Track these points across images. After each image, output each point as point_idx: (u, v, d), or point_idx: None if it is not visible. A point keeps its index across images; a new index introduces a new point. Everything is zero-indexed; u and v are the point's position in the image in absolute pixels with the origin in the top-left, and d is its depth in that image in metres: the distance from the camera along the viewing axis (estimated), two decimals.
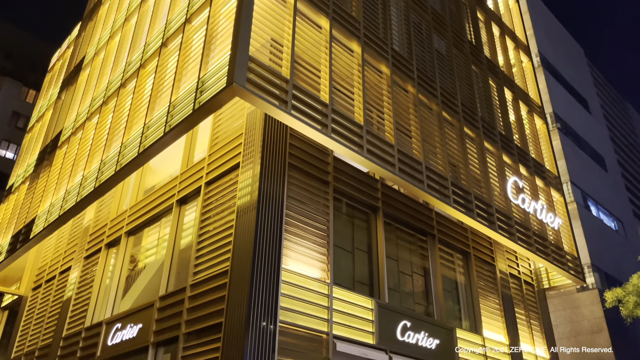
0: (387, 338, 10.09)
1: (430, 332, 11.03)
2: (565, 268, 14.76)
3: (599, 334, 15.96)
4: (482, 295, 13.33)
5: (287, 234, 9.24)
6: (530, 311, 14.96)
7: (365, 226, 11.53)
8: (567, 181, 18.63)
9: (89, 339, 11.69)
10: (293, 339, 8.48)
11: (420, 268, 12.42)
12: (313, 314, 8.97)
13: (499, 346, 12.87)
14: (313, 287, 9.22)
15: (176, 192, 11.27)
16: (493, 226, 12.45)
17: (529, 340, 14.26)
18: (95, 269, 12.93)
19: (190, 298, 9.25)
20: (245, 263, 8.42)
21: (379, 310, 10.18)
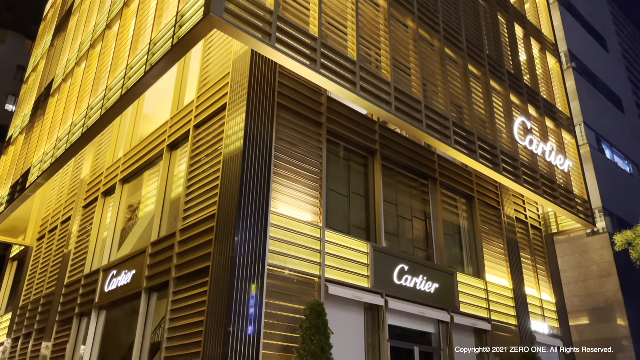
0: (383, 282, 9.87)
1: (430, 276, 10.79)
2: (574, 212, 14.28)
3: (608, 278, 15.64)
4: (486, 240, 13.00)
5: (276, 176, 8.90)
6: (537, 256, 14.64)
7: (362, 170, 11.13)
8: (581, 123, 17.85)
9: (88, 286, 11.73)
10: (283, 282, 8.29)
11: (421, 213, 12.08)
12: (304, 258, 8.74)
13: (502, 290, 12.64)
14: (305, 231, 8.95)
15: (166, 137, 10.94)
16: (497, 168, 11.95)
17: (534, 285, 14.01)
18: (93, 218, 12.84)
19: (180, 243, 9.07)
20: (231, 206, 8.14)
21: (375, 254, 9.92)
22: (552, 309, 14.19)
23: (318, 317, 7.56)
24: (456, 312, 11.10)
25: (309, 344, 7.33)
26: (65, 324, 12.11)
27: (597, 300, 15.68)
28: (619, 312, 15.19)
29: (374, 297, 9.55)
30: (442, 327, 10.87)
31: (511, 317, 12.59)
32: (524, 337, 12.54)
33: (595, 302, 15.70)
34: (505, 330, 12.25)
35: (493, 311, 12.13)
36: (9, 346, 15.02)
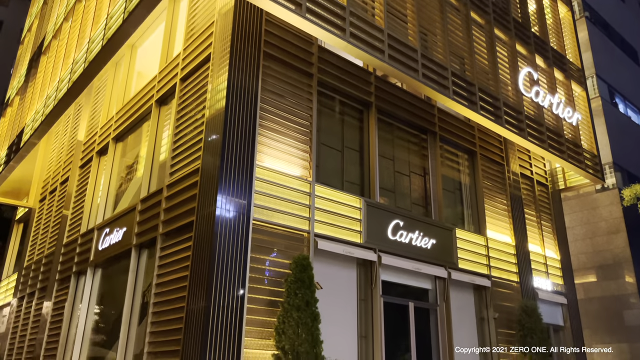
0: (377, 237, 9.64)
1: (426, 232, 10.52)
2: (582, 166, 13.79)
3: (616, 234, 15.25)
4: (488, 196, 12.63)
5: (262, 129, 8.58)
6: (542, 212, 14.26)
7: (357, 124, 10.76)
8: (593, 75, 17.10)
9: (84, 245, 11.71)
10: (269, 237, 8.09)
11: (419, 168, 11.72)
12: (293, 212, 8.51)
13: (503, 247, 12.36)
14: (293, 185, 8.68)
15: (155, 92, 10.63)
16: (499, 121, 11.47)
17: (538, 242, 13.68)
18: (89, 177, 12.73)
19: (167, 199, 8.89)
20: (214, 160, 7.89)
21: (368, 210, 9.65)
22: (556, 265, 13.90)
23: (303, 270, 7.38)
24: (454, 268, 10.87)
25: (293, 298, 7.17)
26: (63, 282, 12.18)
27: (605, 257, 15.35)
28: (626, 269, 14.87)
29: (366, 253, 9.33)
30: (439, 283, 10.67)
31: (512, 273, 12.34)
32: (526, 294, 12.31)
33: (603, 259, 15.37)
34: (505, 287, 12.03)
35: (493, 267, 11.88)
36: (15, 306, 15.28)
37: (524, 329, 11.01)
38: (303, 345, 6.85)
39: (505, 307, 11.75)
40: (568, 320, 13.35)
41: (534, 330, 10.90)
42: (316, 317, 7.20)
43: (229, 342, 6.99)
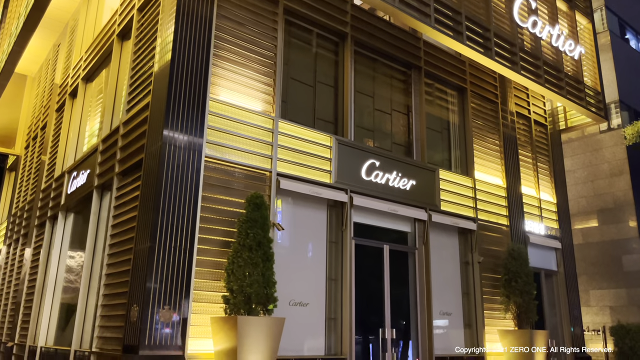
0: (349, 177, 9.11)
1: (405, 173, 9.96)
2: (583, 104, 12.91)
3: (619, 176, 14.50)
4: (479, 136, 11.93)
5: (218, 59, 7.95)
6: (539, 154, 13.51)
7: (331, 57, 10.03)
8: (602, 6, 15.85)
9: (57, 189, 11.44)
10: (225, 175, 7.61)
11: (402, 106, 11.02)
12: (252, 150, 7.98)
13: (493, 189, 11.75)
14: (253, 121, 8.12)
15: (116, 26, 10.00)
16: (488, 53, 10.62)
17: (533, 184, 13.02)
18: (62, 121, 12.33)
19: (122, 136, 8.44)
20: (162, 92, 7.33)
21: (339, 148, 9.09)
22: (552, 209, 13.26)
23: (256, 209, 6.92)
24: (435, 211, 10.35)
25: (244, 238, 6.76)
26: (41, 228, 12.02)
27: (606, 200, 14.68)
28: (628, 212, 14.20)
29: (336, 193, 8.84)
30: (419, 226, 10.19)
31: (502, 216, 11.79)
32: (516, 238, 11.79)
33: (604, 203, 14.71)
34: (493, 230, 11.51)
35: (480, 210, 11.33)
36: (4, 252, 15.33)
37: (509, 273, 10.57)
38: (253, 286, 6.48)
39: (493, 251, 11.27)
40: (562, 265, 12.84)
41: (519, 274, 10.45)
42: (269, 257, 6.80)
43: (176, 284, 6.66)
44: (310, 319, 8.31)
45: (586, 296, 14.71)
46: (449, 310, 10.41)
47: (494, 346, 10.56)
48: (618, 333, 12.40)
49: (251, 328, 6.29)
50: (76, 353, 8.28)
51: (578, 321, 12.72)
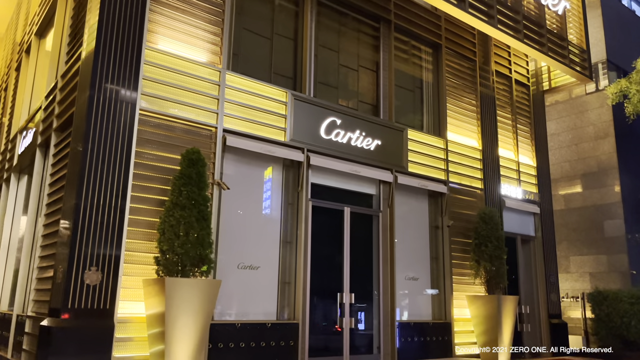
0: (306, 136, 8.61)
1: (370, 132, 9.45)
2: (566, 62, 12.28)
3: (604, 139, 13.96)
4: (454, 95, 11.36)
5: (156, 4, 7.37)
6: (520, 115, 12.93)
7: (292, 8, 9.41)
8: None
9: (11, 150, 10.98)
10: (163, 130, 7.12)
11: (370, 62, 10.43)
12: (194, 104, 7.46)
13: (467, 150, 11.25)
14: (196, 73, 7.58)
15: None
16: (462, 5, 9.96)
17: (512, 147, 12.50)
18: (19, 79, 11.78)
19: (60, 90, 7.92)
20: (91, 40, 6.78)
21: (296, 104, 8.56)
22: (531, 173, 12.77)
23: (191, 165, 6.46)
24: (402, 172, 9.88)
25: (176, 196, 6.32)
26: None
27: (589, 164, 14.18)
28: (611, 176, 13.72)
29: (291, 152, 8.35)
30: (384, 188, 9.73)
31: (476, 180, 11.31)
32: (491, 202, 11.35)
33: (587, 167, 14.22)
34: (466, 194, 11.06)
35: (453, 173, 10.85)
36: None
37: (479, 237, 10.15)
38: (184, 246, 6.06)
39: (465, 215, 10.84)
40: (540, 230, 12.42)
41: (489, 238, 10.03)
42: (205, 217, 6.36)
43: (105, 244, 6.25)
44: (261, 283, 7.94)
45: (566, 263, 14.36)
46: (416, 275, 10.05)
47: (462, 312, 10.23)
48: (595, 300, 12.07)
49: (180, 290, 5.91)
50: (18, 317, 7.96)
51: (555, 287, 12.38)
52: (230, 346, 7.16)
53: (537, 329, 11.98)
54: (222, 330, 7.14)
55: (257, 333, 7.47)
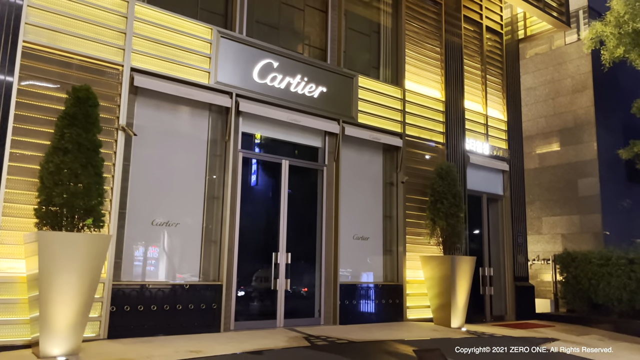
0: (236, 79, 7.73)
1: (313, 77, 8.56)
2: (541, 5, 11.29)
3: (581, 92, 13.06)
4: (415, 41, 10.42)
5: None
6: (491, 65, 12.00)
7: None
8: None
9: None
10: (55, 67, 6.23)
11: (319, 2, 9.44)
12: (94, 37, 6.54)
13: (428, 102, 10.39)
14: (98, 2, 6.63)
15: None
16: None
17: (480, 99, 11.62)
18: None
19: None
20: None
21: (223, 43, 7.64)
22: (501, 127, 11.93)
23: (77, 104, 5.60)
24: (351, 123, 9.04)
25: (58, 139, 5.48)
26: None
27: (566, 119, 13.33)
28: (587, 132, 12.90)
29: (215, 96, 7.47)
30: (330, 140, 8.90)
31: (438, 133, 10.49)
32: (454, 157, 10.55)
33: (563, 122, 13.38)
34: (426, 149, 10.25)
35: (411, 125, 10.01)
36: None
37: (436, 194, 9.40)
38: (63, 196, 5.27)
39: (424, 171, 10.06)
40: (509, 189, 11.67)
41: (445, 195, 9.28)
42: (94, 163, 5.54)
43: None
44: (180, 241, 7.20)
45: (539, 224, 13.67)
46: (366, 234, 9.33)
47: (417, 274, 9.57)
48: (563, 261, 11.42)
49: (56, 246, 5.14)
50: None
51: (522, 249, 11.72)
52: (139, 309, 6.47)
53: (502, 293, 11.37)
54: (130, 293, 6.44)
55: (172, 295, 6.78)
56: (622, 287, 10.11)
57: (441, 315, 9.09)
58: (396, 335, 7.59)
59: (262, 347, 6.10)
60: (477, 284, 10.42)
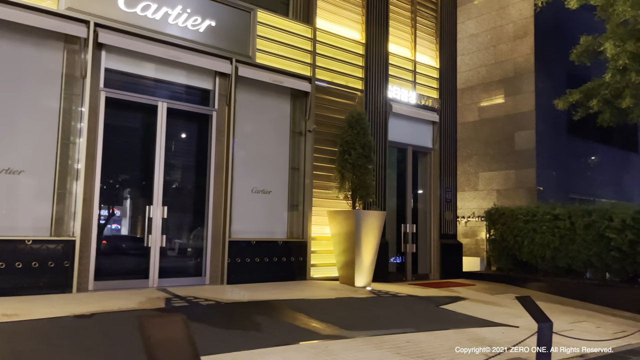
0: (95, 5, 6.69)
1: (198, 9, 7.55)
2: None
3: (522, 39, 12.21)
4: None
5: None
6: (423, 7, 11.03)
7: None
8: None
9: None
10: None
11: None
12: None
13: (344, 43, 9.46)
14: None
15: None
16: None
17: (408, 43, 10.71)
18: None
19: None
20: None
21: None
22: (432, 75, 11.08)
23: None
24: (247, 63, 8.10)
25: None
26: None
27: (506, 68, 12.53)
28: (526, 82, 12.14)
29: (65, 24, 6.44)
30: (221, 82, 7.97)
31: (356, 79, 9.61)
32: (374, 105, 9.72)
33: (504, 72, 12.58)
34: (341, 95, 9.39)
35: (323, 68, 9.11)
36: None
37: (344, 144, 8.61)
38: None
39: (339, 120, 9.21)
40: (438, 142, 10.93)
41: (354, 145, 8.49)
42: None
43: None
44: (25, 191, 6.31)
45: (475, 179, 13.03)
46: (269, 187, 8.53)
47: (324, 230, 8.87)
48: (492, 218, 10.82)
49: None
50: None
51: (451, 205, 11.08)
52: None
53: (427, 251, 10.79)
54: None
55: (11, 252, 5.95)
56: (545, 244, 9.57)
57: (346, 274, 8.45)
58: (282, 295, 6.90)
59: (105, 309, 5.35)
60: (379, 239, 9.79)
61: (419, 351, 4.74)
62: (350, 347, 4.69)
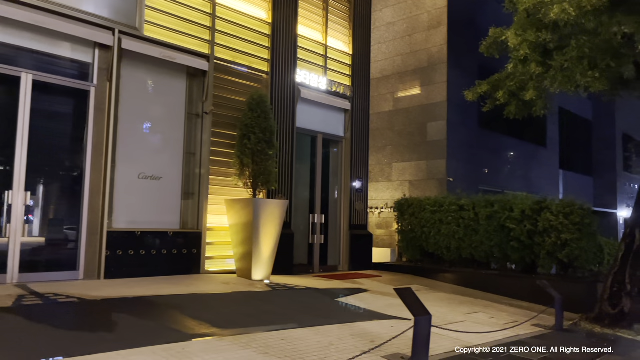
0: None
1: None
2: None
3: (436, 29, 12.13)
4: None
5: None
6: None
7: None
8: None
9: None
10: None
11: None
12: None
13: (248, 22, 8.88)
14: None
15: None
16: None
17: (319, 27, 10.29)
18: None
19: None
20: None
21: None
22: (345, 61, 10.74)
23: None
24: (133, 36, 7.33)
25: None
26: None
27: (420, 58, 12.41)
28: (439, 72, 12.09)
29: None
30: (102, 54, 7.16)
31: (261, 60, 9.07)
32: (280, 89, 9.22)
33: (418, 62, 12.46)
34: (244, 77, 8.81)
35: (223, 47, 8.50)
36: None
37: (244, 128, 8.05)
38: None
39: (240, 103, 8.62)
40: (349, 130, 10.61)
41: (254, 129, 7.95)
42: None
43: None
44: None
45: (389, 170, 12.89)
46: (159, 173, 7.82)
47: (222, 220, 8.29)
48: (401, 209, 10.66)
49: None
50: None
51: (362, 196, 10.81)
52: None
53: (336, 242, 10.46)
54: None
55: None
56: (451, 235, 9.49)
57: (243, 267, 7.92)
58: (163, 290, 6.27)
59: None
60: (280, 229, 9.37)
61: (290, 350, 4.30)
62: (212, 347, 4.17)
